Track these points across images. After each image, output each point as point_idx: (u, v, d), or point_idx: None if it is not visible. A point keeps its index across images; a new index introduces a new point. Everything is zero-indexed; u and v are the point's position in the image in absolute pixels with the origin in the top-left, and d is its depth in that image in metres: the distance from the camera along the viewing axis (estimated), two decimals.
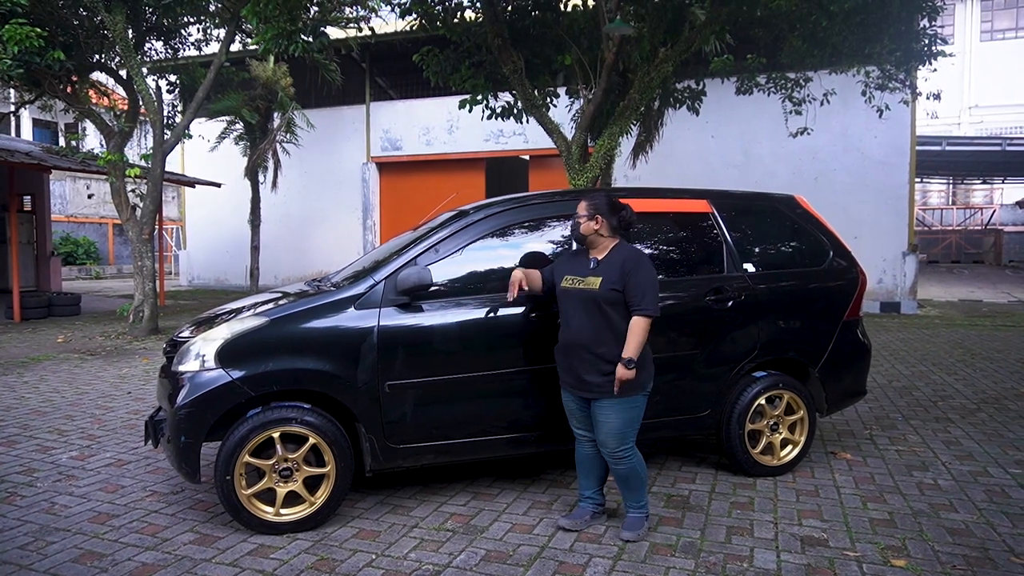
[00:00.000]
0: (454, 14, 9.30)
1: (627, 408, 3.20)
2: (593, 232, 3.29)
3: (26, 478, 4.17)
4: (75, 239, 22.96)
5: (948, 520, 3.56)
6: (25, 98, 12.74)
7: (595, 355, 3.18)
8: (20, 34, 7.78)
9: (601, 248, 3.32)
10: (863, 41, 9.91)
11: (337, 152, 17.05)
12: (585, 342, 3.19)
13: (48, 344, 9.24)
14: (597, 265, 3.27)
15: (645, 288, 3.16)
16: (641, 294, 3.15)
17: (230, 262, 17.79)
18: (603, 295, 3.16)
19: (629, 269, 3.18)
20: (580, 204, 3.33)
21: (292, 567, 3.07)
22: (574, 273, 3.30)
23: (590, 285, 3.20)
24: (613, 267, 3.22)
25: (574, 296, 3.25)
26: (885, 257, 13.33)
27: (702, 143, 14.20)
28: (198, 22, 12.28)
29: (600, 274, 3.22)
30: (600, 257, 3.30)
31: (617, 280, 3.17)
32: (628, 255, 3.26)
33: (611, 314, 3.17)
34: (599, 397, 3.20)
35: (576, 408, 3.34)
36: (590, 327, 3.19)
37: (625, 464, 3.25)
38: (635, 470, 3.28)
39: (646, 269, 3.23)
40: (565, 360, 3.30)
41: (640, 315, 3.14)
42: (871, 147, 13.29)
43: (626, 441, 3.23)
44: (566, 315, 3.29)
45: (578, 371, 3.24)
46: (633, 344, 3.12)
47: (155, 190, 9.92)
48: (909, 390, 6.55)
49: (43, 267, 14.76)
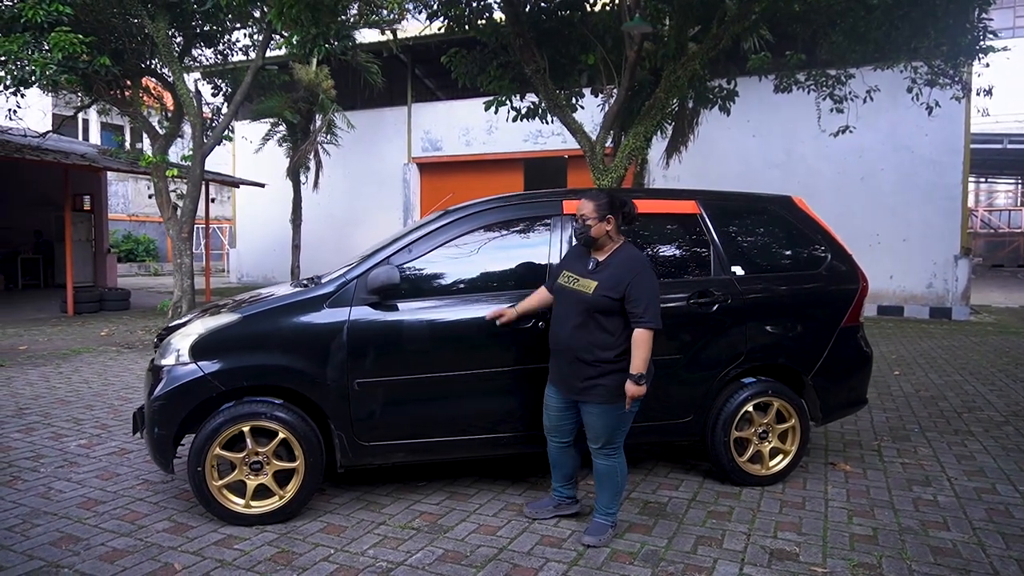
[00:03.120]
0: (481, 15, 9.34)
1: (617, 415, 3.18)
2: (604, 233, 3.22)
3: (32, 463, 4.39)
4: (136, 237, 24.03)
5: (936, 539, 3.38)
6: (83, 102, 13.44)
7: (580, 360, 3.16)
8: (64, 41, 8.18)
9: (607, 249, 3.25)
10: (907, 36, 9.48)
11: (379, 153, 17.35)
12: (572, 346, 3.17)
13: (92, 337, 9.70)
14: (597, 267, 3.20)
15: (648, 299, 3.06)
16: (644, 306, 3.05)
17: (276, 260, 18.29)
18: (594, 301, 3.10)
19: (631, 279, 3.08)
20: (584, 205, 3.21)
21: (251, 558, 3.14)
22: (573, 271, 3.26)
23: (584, 288, 3.14)
24: (613, 273, 3.13)
25: (568, 295, 3.22)
26: (935, 261, 12.75)
27: (742, 142, 13.87)
28: (244, 27, 12.69)
29: (597, 278, 3.14)
30: (601, 259, 3.23)
31: (613, 289, 3.09)
32: (632, 263, 3.15)
33: (601, 320, 3.11)
34: (590, 402, 3.18)
35: (555, 407, 3.35)
36: (578, 331, 3.15)
37: (606, 461, 3.25)
38: (615, 471, 3.25)
39: (649, 278, 3.12)
40: (555, 358, 3.30)
41: (643, 328, 3.06)
42: (921, 145, 12.72)
43: (613, 442, 3.23)
44: (558, 313, 3.27)
45: (568, 374, 3.22)
46: (640, 359, 3.04)
47: (194, 190, 10.28)
48: (935, 400, 6.24)
49: (100, 263, 15.50)
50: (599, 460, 3.27)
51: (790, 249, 4.29)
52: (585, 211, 3.22)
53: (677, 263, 4.10)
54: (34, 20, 8.25)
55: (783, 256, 4.28)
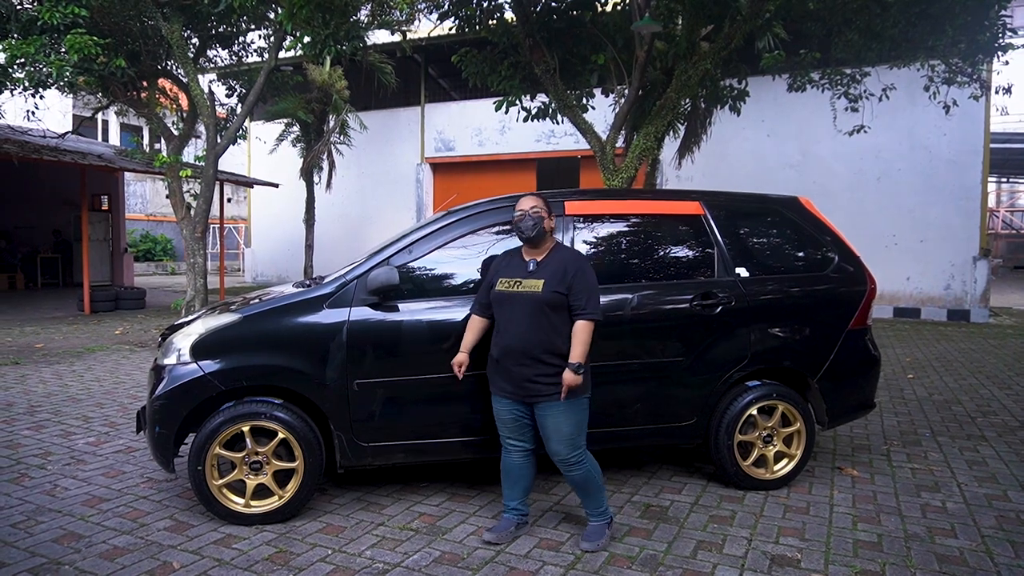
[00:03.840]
0: (491, 15, 9.32)
1: (576, 410, 3.14)
2: (551, 230, 3.24)
3: (40, 460, 4.44)
4: (154, 236, 24.30)
5: (942, 546, 3.31)
6: (101, 103, 13.61)
7: (540, 360, 3.11)
8: (80, 43, 8.28)
9: (543, 249, 3.25)
10: (924, 33, 9.35)
11: (392, 153, 17.41)
12: (530, 346, 3.11)
13: (106, 335, 9.81)
14: (537, 267, 3.20)
15: (589, 292, 3.11)
16: (586, 298, 3.09)
17: (290, 260, 18.41)
18: (546, 298, 3.10)
19: (573, 272, 3.12)
20: (530, 200, 3.25)
21: (249, 557, 3.15)
22: (511, 275, 3.23)
23: (531, 288, 3.13)
24: (555, 270, 3.15)
25: (512, 300, 3.18)
26: (953, 262, 12.56)
27: (757, 142, 13.75)
28: (258, 28, 12.79)
29: (542, 276, 3.15)
30: (540, 258, 3.23)
31: (560, 283, 3.11)
32: (570, 258, 3.20)
33: (553, 317, 3.11)
34: (546, 401, 3.13)
35: (511, 418, 3.26)
36: (537, 330, 3.11)
37: (579, 469, 3.18)
38: (590, 474, 3.20)
39: (588, 273, 3.17)
40: (504, 366, 3.20)
41: (585, 319, 3.08)
42: (940, 145, 12.54)
43: (578, 446, 3.16)
44: (503, 319, 3.21)
45: (522, 377, 3.15)
46: (580, 349, 3.05)
47: (207, 190, 10.37)
48: (949, 404, 6.14)
49: (117, 263, 15.69)
50: (572, 472, 3.19)
51: (796, 250, 4.24)
52: (537, 205, 3.24)
53: (680, 264, 4.05)
54: (50, 22, 8.36)
55: (789, 257, 4.22)
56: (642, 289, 3.84)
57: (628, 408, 3.83)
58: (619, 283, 3.84)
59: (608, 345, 3.74)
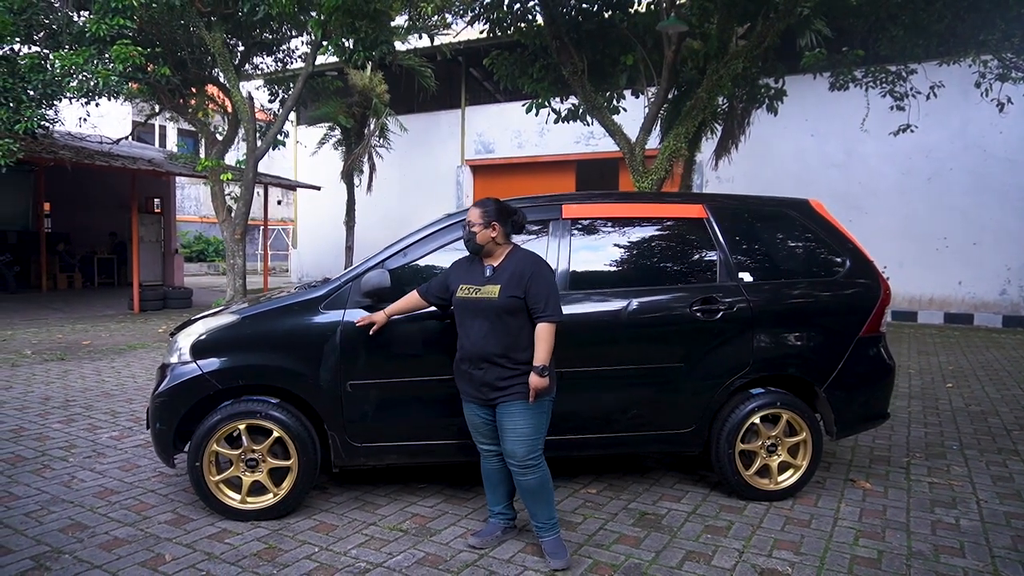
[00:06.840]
0: (521, 18, 9.34)
1: (536, 411, 3.10)
2: (490, 240, 3.20)
3: (64, 452, 4.65)
4: (206, 238, 25.13)
5: (946, 566, 3.16)
6: (153, 110, 14.19)
7: (496, 364, 3.08)
8: (124, 53, 8.64)
9: (497, 255, 3.22)
10: (973, 27, 8.95)
11: (433, 156, 17.58)
12: (492, 350, 3.08)
13: (150, 333, 10.20)
14: (494, 273, 3.17)
15: (547, 294, 3.07)
16: (544, 301, 3.06)
17: (333, 261, 18.74)
18: (503, 304, 3.07)
19: (529, 275, 3.09)
20: (472, 212, 3.22)
21: (238, 552, 3.23)
22: (470, 282, 3.21)
23: (488, 294, 3.11)
24: (511, 274, 3.12)
25: (472, 306, 3.16)
26: (1010, 266, 11.97)
27: (799, 142, 13.38)
28: (299, 35, 13.12)
29: (498, 282, 3.12)
30: (496, 264, 3.20)
31: (516, 287, 3.08)
32: (526, 262, 3.15)
33: (512, 322, 3.09)
34: (506, 401, 3.09)
35: (481, 422, 3.24)
36: (495, 335, 3.09)
37: (534, 474, 3.12)
38: (545, 479, 3.15)
39: (545, 275, 3.13)
40: (468, 371, 3.19)
41: (545, 321, 3.05)
42: (995, 143, 11.97)
43: (535, 448, 3.11)
44: (465, 325, 3.19)
45: (481, 380, 3.13)
46: (544, 351, 3.02)
47: (247, 193, 10.68)
48: (985, 415, 5.85)
49: (168, 263, 16.28)
50: (528, 477, 3.12)
51: (805, 255, 4.10)
52: (471, 218, 3.20)
53: (681, 268, 3.98)
54: (98, 34, 8.75)
55: (796, 262, 4.09)
56: (639, 294, 3.78)
57: (625, 413, 3.78)
58: (616, 288, 3.80)
59: (604, 350, 3.72)
